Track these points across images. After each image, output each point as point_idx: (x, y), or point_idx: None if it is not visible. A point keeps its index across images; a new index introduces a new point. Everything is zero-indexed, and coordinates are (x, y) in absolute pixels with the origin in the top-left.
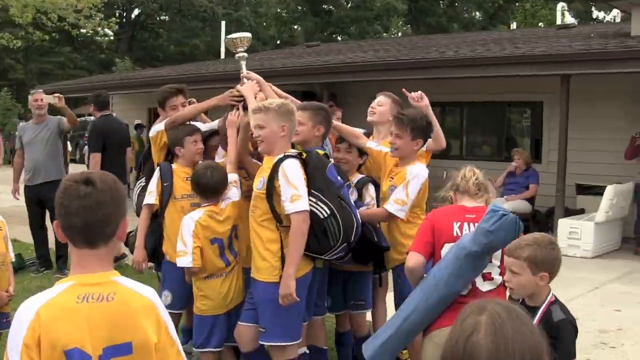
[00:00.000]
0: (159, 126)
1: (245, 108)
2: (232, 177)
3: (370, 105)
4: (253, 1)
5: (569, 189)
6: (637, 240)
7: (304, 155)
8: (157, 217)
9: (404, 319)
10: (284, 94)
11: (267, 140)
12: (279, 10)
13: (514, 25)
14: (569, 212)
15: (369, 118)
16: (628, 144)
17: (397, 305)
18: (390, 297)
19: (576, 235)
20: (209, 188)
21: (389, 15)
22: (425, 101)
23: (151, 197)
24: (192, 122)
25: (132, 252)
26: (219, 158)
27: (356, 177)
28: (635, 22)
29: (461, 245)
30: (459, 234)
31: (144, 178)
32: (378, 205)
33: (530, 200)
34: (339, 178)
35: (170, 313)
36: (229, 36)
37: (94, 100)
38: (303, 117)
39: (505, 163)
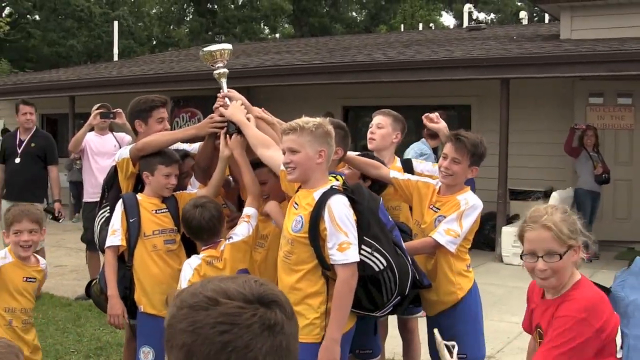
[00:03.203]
0: (124, 152)
1: (230, 134)
2: (248, 211)
3: (369, 129)
4: (130, 1)
5: None
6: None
7: (349, 189)
8: (124, 260)
9: None
10: (273, 118)
11: (300, 167)
12: (161, 10)
13: (401, 28)
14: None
15: (369, 145)
16: (567, 136)
17: (436, 356)
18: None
19: (520, 244)
20: (202, 230)
21: (275, 15)
22: (443, 122)
23: (116, 237)
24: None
25: (96, 303)
26: (193, 188)
27: None
28: (563, 25)
29: None
30: None
31: (107, 207)
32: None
33: None
34: (389, 218)
35: None
36: (207, 48)
37: None
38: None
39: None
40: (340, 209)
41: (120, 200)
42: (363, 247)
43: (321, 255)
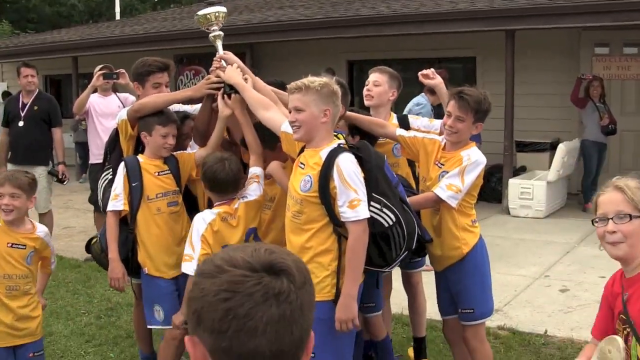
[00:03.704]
0: (122, 113)
1: (228, 96)
2: (255, 170)
3: (365, 87)
4: None
5: None
6: (585, 196)
7: (354, 147)
8: (126, 223)
9: None
10: (267, 86)
11: (305, 125)
12: None
13: None
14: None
15: (366, 102)
16: (574, 86)
17: (444, 310)
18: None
19: (528, 195)
20: (228, 183)
21: None
22: (439, 77)
23: (118, 201)
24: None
25: (97, 261)
26: (192, 150)
27: None
28: None
29: None
30: None
31: (110, 170)
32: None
33: None
34: (393, 174)
35: (168, 330)
36: (201, 12)
37: None
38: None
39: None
40: (348, 167)
41: (122, 164)
42: (372, 203)
43: (332, 213)
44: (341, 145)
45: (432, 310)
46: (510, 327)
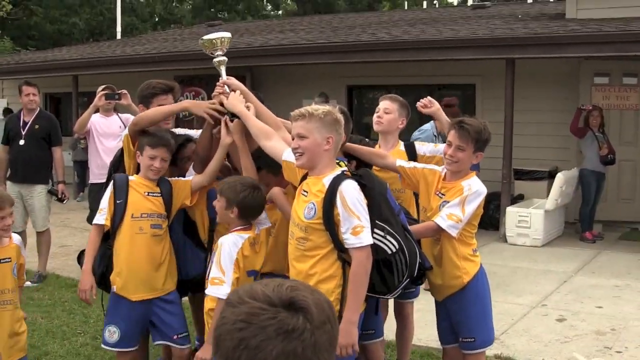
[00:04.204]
0: (125, 130)
1: (231, 120)
2: None
3: (376, 113)
4: None
5: None
6: (582, 225)
7: (357, 174)
8: (107, 239)
9: None
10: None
11: (308, 152)
12: None
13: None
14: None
15: (376, 128)
16: (573, 116)
17: (444, 339)
18: (423, 329)
19: (525, 224)
20: (259, 210)
21: None
22: (436, 105)
23: (101, 216)
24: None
25: None
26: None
27: None
28: (569, 4)
29: None
30: None
31: None
32: None
33: None
34: (395, 202)
35: (118, 352)
36: (206, 37)
37: None
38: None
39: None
40: (351, 194)
41: (112, 180)
42: (375, 230)
43: (337, 239)
44: (344, 172)
45: (430, 337)
46: (508, 356)
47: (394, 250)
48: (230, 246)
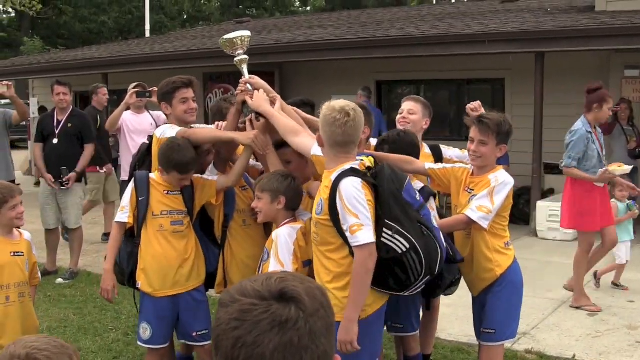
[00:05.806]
0: (170, 131)
1: (257, 119)
2: None
3: (400, 114)
4: None
5: None
6: None
7: (373, 170)
8: (134, 236)
9: None
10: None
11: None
12: None
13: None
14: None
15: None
16: None
17: (479, 333)
18: (453, 324)
19: (556, 218)
20: (299, 198)
21: None
22: (482, 111)
23: (124, 214)
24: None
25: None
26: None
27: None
28: None
29: None
30: None
31: None
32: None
33: None
34: (417, 197)
35: (150, 349)
36: (226, 36)
37: None
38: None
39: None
40: (349, 192)
41: (132, 178)
42: (384, 230)
43: (344, 235)
44: (352, 168)
45: (461, 332)
46: (538, 350)
47: (404, 249)
48: (286, 238)
